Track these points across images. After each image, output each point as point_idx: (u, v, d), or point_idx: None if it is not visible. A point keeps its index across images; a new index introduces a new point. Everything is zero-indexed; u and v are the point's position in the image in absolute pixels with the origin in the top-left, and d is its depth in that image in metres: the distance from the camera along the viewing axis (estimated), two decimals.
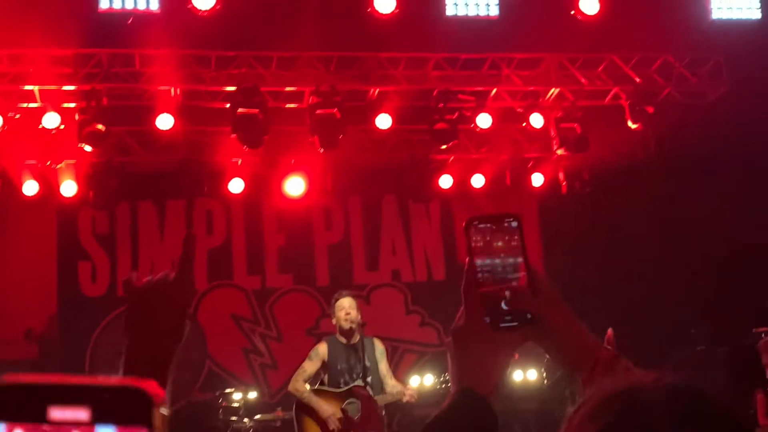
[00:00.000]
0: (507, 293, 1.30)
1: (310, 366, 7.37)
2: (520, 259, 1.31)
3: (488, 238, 1.32)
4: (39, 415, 0.62)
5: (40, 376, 0.65)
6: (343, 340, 7.37)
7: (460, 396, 1.30)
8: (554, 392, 9.45)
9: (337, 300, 7.47)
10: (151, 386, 0.65)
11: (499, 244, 1.31)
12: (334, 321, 7.47)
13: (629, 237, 10.43)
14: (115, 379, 0.65)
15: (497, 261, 1.31)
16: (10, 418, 0.62)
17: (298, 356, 7.81)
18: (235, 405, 8.73)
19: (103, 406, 0.63)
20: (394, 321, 10.98)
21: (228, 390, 8.97)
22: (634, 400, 0.97)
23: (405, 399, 7.31)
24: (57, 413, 0.62)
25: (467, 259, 1.33)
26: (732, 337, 9.64)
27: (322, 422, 7.18)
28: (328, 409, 7.14)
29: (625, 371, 1.32)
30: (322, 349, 7.41)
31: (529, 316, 1.30)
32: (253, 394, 9.24)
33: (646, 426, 0.93)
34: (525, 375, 10.43)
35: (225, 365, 10.66)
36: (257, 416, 8.56)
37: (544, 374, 9.96)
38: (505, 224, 1.33)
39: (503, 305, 1.30)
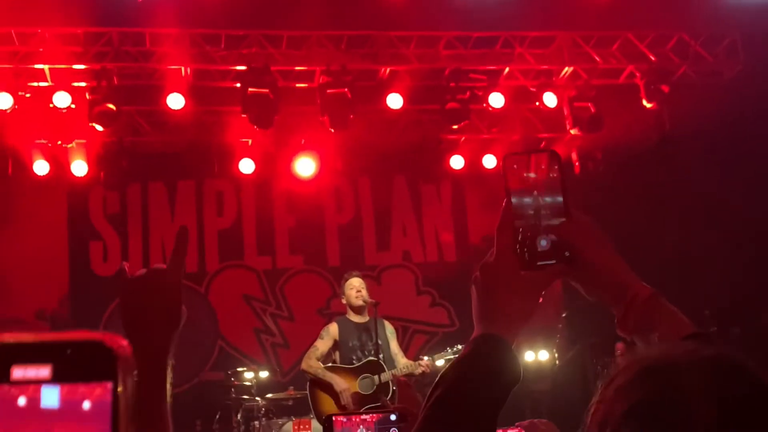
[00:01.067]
0: (544, 230, 1.24)
1: (322, 344, 7.44)
2: (558, 197, 1.25)
3: (525, 175, 1.26)
4: (2, 375, 0.61)
5: (3, 336, 0.62)
6: (353, 319, 7.43)
7: (481, 341, 1.24)
8: (565, 373, 9.44)
9: (347, 280, 7.55)
10: (113, 339, 0.64)
11: (537, 181, 1.25)
12: (344, 300, 7.53)
13: (642, 217, 10.36)
14: (76, 334, 0.64)
15: (534, 198, 1.25)
16: None
17: (309, 336, 7.84)
18: (247, 384, 8.75)
19: (66, 362, 0.62)
20: (405, 301, 10.97)
21: (240, 369, 8.99)
22: (670, 375, 0.93)
23: (419, 371, 7.34)
24: (19, 372, 0.61)
25: (505, 198, 1.27)
26: (745, 318, 9.59)
27: (336, 397, 7.24)
28: (341, 383, 7.22)
29: (664, 312, 1.27)
30: (333, 328, 7.48)
31: (567, 253, 1.25)
32: (264, 374, 9.26)
33: (683, 403, 0.89)
34: (536, 356, 10.44)
35: (236, 345, 10.68)
36: (269, 395, 8.58)
37: (556, 355, 9.95)
38: (544, 161, 1.27)
39: (541, 242, 1.24)
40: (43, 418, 0.60)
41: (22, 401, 0.61)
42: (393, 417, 1.89)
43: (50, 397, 0.61)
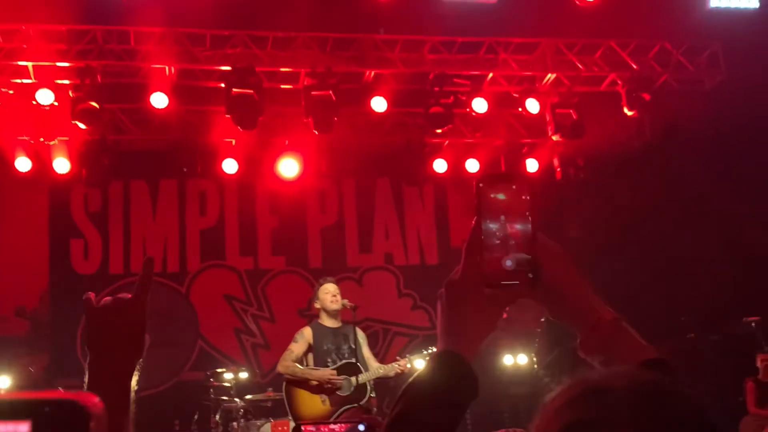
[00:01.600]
0: (510, 251, 1.29)
1: (296, 347, 7.46)
2: (527, 221, 1.30)
3: (496, 198, 1.31)
4: None
5: None
6: (327, 323, 7.45)
7: (441, 358, 1.30)
8: (544, 377, 9.49)
9: (321, 284, 7.57)
10: (87, 398, 0.68)
11: (507, 205, 1.31)
12: (317, 305, 7.54)
13: (622, 224, 10.44)
14: (53, 393, 0.68)
15: (504, 222, 1.30)
16: None
17: (290, 337, 7.82)
18: (227, 385, 8.73)
19: (43, 419, 0.66)
20: (387, 303, 10.99)
21: (219, 370, 8.97)
22: (606, 398, 0.96)
23: (393, 373, 7.36)
24: None
25: (475, 218, 1.32)
26: (722, 326, 9.68)
27: (315, 392, 7.27)
28: (323, 374, 7.24)
29: (626, 336, 1.32)
30: (307, 332, 7.50)
31: (531, 275, 1.29)
32: (244, 374, 9.24)
33: (614, 426, 0.93)
34: (515, 359, 10.49)
35: (217, 345, 10.66)
36: (248, 396, 8.57)
37: (534, 359, 10.01)
38: (516, 187, 1.32)
39: (506, 263, 1.29)
40: None
41: None
42: (361, 427, 1.92)
43: None
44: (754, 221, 9.74)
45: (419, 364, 7.42)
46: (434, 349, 6.79)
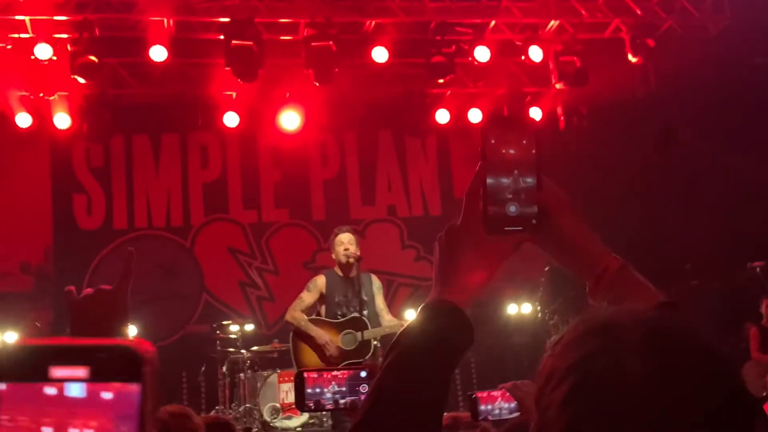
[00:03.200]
0: (515, 196, 1.26)
1: (308, 297, 7.47)
2: (532, 168, 1.27)
3: (501, 144, 1.27)
4: (41, 374, 0.69)
5: (42, 340, 0.73)
6: (340, 273, 7.45)
7: (433, 306, 1.28)
8: (547, 326, 9.55)
9: (336, 235, 7.54)
10: (141, 344, 0.72)
11: (512, 150, 1.27)
12: (333, 255, 7.54)
13: (626, 172, 10.40)
14: (111, 340, 0.73)
15: (508, 167, 1.27)
16: (13, 378, 0.70)
17: (294, 289, 7.84)
18: (232, 337, 8.82)
19: (100, 365, 0.70)
20: (390, 255, 11.02)
21: (225, 322, 9.05)
22: (611, 334, 0.97)
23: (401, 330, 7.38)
24: (57, 372, 0.69)
25: (479, 163, 1.29)
26: (726, 272, 9.70)
27: (318, 349, 7.31)
28: (324, 335, 7.27)
29: (634, 283, 1.31)
30: (321, 281, 7.51)
31: (534, 221, 1.26)
32: (249, 327, 9.32)
33: (618, 360, 0.94)
34: (519, 309, 10.55)
35: (222, 298, 10.73)
36: (254, 348, 8.66)
37: (538, 308, 10.05)
38: (522, 131, 1.28)
39: (510, 208, 1.26)
40: (72, 404, 0.69)
41: (52, 391, 0.69)
42: (363, 374, 1.92)
43: (79, 389, 0.70)
44: (759, 168, 9.70)
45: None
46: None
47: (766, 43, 9.35)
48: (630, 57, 9.84)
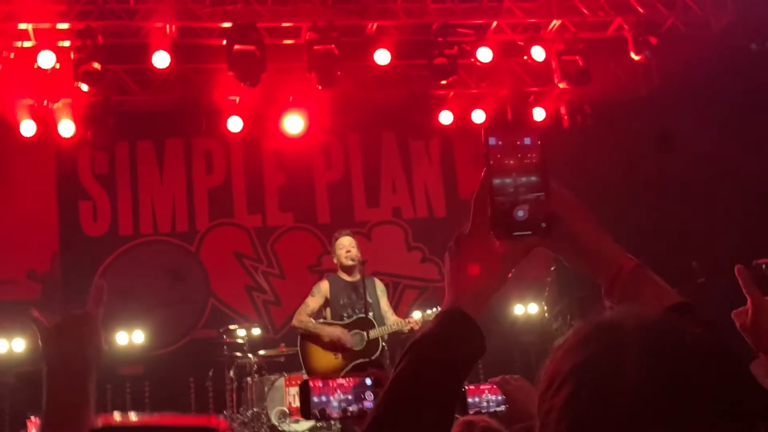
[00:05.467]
0: (523, 200, 1.24)
1: (313, 301, 7.52)
2: (539, 170, 1.25)
3: (507, 147, 1.26)
4: None
5: (126, 420, 0.72)
6: (344, 277, 7.48)
7: (448, 317, 1.28)
8: (554, 325, 9.54)
9: (337, 239, 7.59)
10: (219, 424, 0.72)
11: (518, 154, 1.26)
12: (335, 260, 7.58)
13: (631, 170, 10.39)
14: (192, 420, 0.72)
15: (514, 171, 1.25)
16: None
17: (300, 293, 7.87)
18: (239, 341, 8.81)
19: None
20: (396, 257, 11.02)
21: (232, 327, 9.04)
22: (611, 338, 0.97)
23: (407, 328, 7.40)
24: None
25: (484, 168, 1.28)
26: (733, 270, 9.66)
27: (329, 348, 7.34)
28: (335, 330, 7.30)
29: (650, 282, 1.31)
30: (324, 286, 7.54)
31: (544, 225, 1.25)
32: (256, 331, 9.32)
33: (620, 363, 0.94)
34: (526, 309, 10.54)
35: (228, 302, 10.73)
36: (261, 352, 8.66)
37: (545, 308, 10.04)
38: (526, 134, 1.27)
39: (518, 213, 1.24)
40: None
41: None
42: (368, 381, 1.91)
43: None
44: (764, 164, 9.67)
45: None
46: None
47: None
48: (633, 55, 9.83)
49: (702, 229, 9.80)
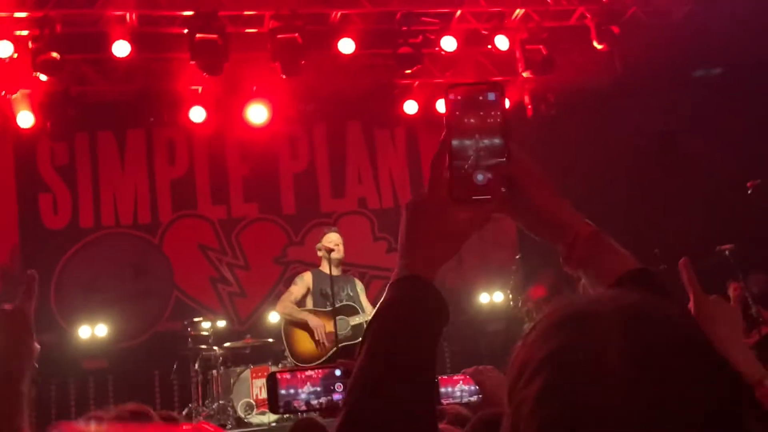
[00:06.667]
0: (482, 164, 1.19)
1: (296, 290, 7.71)
2: (500, 133, 1.21)
3: (468, 109, 1.21)
4: None
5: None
6: (326, 271, 7.58)
7: (403, 284, 1.22)
8: (519, 313, 9.59)
9: (325, 234, 7.84)
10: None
11: (479, 116, 1.21)
12: (320, 253, 7.72)
13: (594, 159, 10.45)
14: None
15: (475, 134, 1.20)
16: None
17: (266, 284, 7.87)
18: (204, 333, 8.75)
19: None
20: (362, 248, 10.98)
21: (196, 319, 8.97)
22: (587, 325, 0.92)
23: None
24: None
25: (443, 132, 1.23)
26: (695, 256, 9.79)
27: (311, 333, 7.49)
28: (316, 319, 7.48)
29: (607, 248, 1.28)
30: (308, 276, 7.73)
31: (504, 189, 1.21)
32: (221, 323, 9.27)
33: (596, 350, 0.89)
34: (491, 297, 10.59)
35: (193, 295, 10.63)
36: (226, 344, 8.60)
37: (510, 296, 10.09)
38: (488, 96, 1.22)
39: (477, 177, 1.20)
40: None
41: None
42: (338, 372, 1.88)
43: None
44: (726, 153, 9.79)
45: None
46: None
47: (729, 28, 9.42)
48: (595, 44, 9.88)
49: (664, 217, 9.91)
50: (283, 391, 1.86)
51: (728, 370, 0.92)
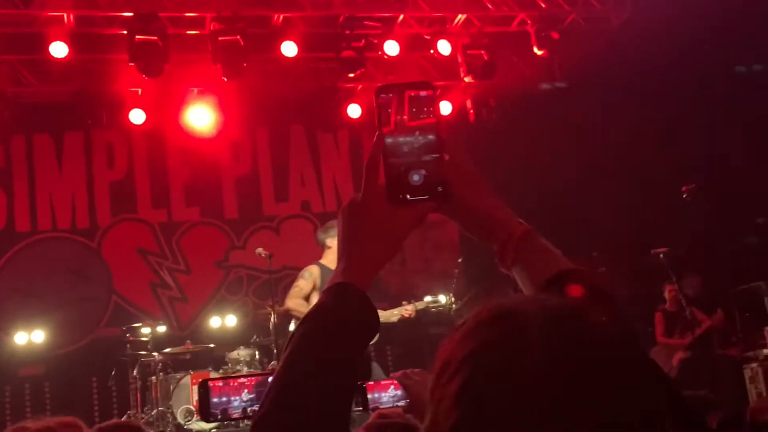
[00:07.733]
0: (418, 164, 1.18)
1: (305, 284, 7.42)
2: (433, 132, 1.20)
3: (400, 108, 1.20)
4: None
5: None
6: (332, 267, 7.46)
7: (336, 291, 1.21)
8: (461, 316, 9.66)
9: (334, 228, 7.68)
10: None
11: (412, 115, 1.20)
12: (327, 248, 7.53)
13: (534, 163, 10.58)
14: None
15: (408, 133, 1.19)
16: None
17: (207, 289, 7.76)
18: (144, 339, 8.63)
19: None
20: (305, 251, 10.91)
21: (136, 324, 8.84)
22: (509, 323, 0.93)
23: (396, 318, 7.47)
24: None
25: (376, 132, 1.22)
26: (632, 259, 9.98)
27: None
28: None
29: (540, 248, 1.29)
30: (315, 270, 7.50)
31: (440, 189, 1.20)
32: (161, 328, 9.14)
33: (517, 350, 0.89)
34: (436, 299, 10.62)
35: (132, 300, 10.46)
36: (167, 350, 8.49)
37: (452, 299, 10.15)
38: (420, 95, 1.20)
39: (413, 177, 1.18)
40: None
41: None
42: (271, 379, 1.88)
43: None
44: (662, 156, 10.01)
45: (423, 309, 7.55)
46: (441, 298, 6.86)
47: (666, 34, 9.64)
48: (535, 50, 10.01)
49: (602, 221, 10.08)
50: (215, 399, 1.84)
51: (649, 371, 0.94)
